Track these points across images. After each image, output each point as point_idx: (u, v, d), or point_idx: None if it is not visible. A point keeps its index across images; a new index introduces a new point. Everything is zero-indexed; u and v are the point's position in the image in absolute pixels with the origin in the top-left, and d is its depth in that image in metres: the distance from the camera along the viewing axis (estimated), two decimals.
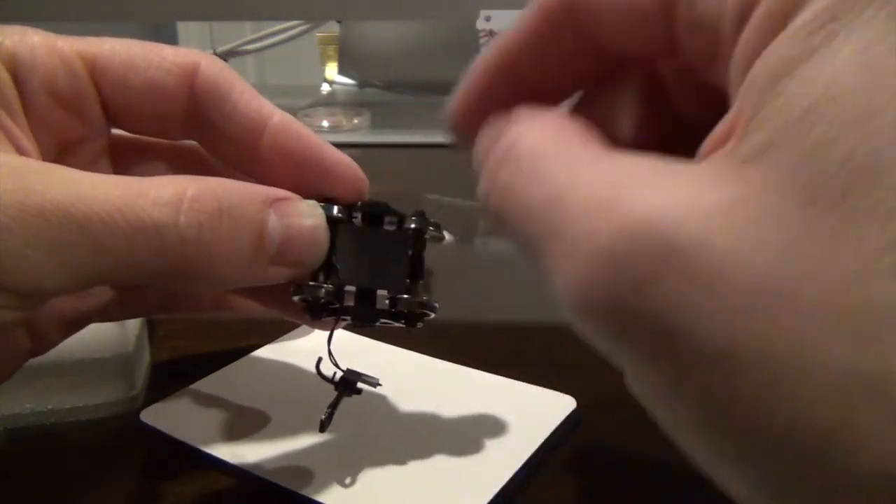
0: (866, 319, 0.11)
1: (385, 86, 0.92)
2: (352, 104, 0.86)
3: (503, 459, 0.24)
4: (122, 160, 0.24)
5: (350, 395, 0.23)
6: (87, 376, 0.27)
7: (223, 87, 0.23)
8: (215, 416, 0.26)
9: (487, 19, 0.71)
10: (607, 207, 0.13)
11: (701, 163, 0.13)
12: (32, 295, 0.17)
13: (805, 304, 0.11)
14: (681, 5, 0.15)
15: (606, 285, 0.13)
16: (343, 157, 0.23)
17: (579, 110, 0.20)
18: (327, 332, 0.23)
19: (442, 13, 0.78)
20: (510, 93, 0.19)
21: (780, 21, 0.13)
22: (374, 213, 0.23)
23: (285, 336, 0.32)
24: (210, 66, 0.23)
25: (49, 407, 0.27)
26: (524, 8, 0.19)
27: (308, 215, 0.21)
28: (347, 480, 0.23)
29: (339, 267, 0.22)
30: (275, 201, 0.20)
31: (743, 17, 0.14)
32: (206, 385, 0.29)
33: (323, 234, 0.21)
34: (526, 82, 0.19)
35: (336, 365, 0.23)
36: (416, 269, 0.22)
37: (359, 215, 0.22)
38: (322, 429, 0.23)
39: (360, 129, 0.72)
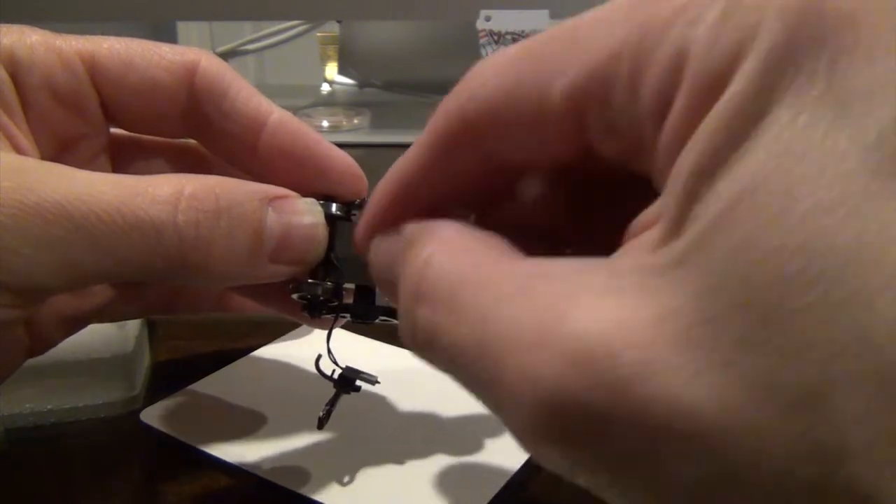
0: (831, 435, 0.10)
1: (385, 86, 0.92)
2: (352, 104, 0.86)
3: (503, 459, 0.24)
4: (121, 158, 0.24)
5: (349, 393, 0.23)
6: (87, 376, 0.27)
7: (222, 85, 0.23)
8: (215, 416, 0.26)
9: (487, 19, 0.71)
10: (540, 342, 0.12)
11: (626, 262, 0.12)
12: (31, 293, 0.17)
13: (740, 427, 0.10)
14: (591, 113, 0.14)
15: (556, 430, 0.12)
16: (342, 155, 0.23)
17: (482, 215, 0.19)
18: (326, 331, 0.23)
19: (442, 13, 0.78)
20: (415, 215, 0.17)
21: (698, 114, 0.12)
22: None
23: (285, 336, 0.32)
24: (209, 64, 0.23)
25: (49, 407, 0.27)
26: (426, 127, 0.17)
27: (306, 213, 0.21)
28: (347, 480, 0.23)
29: (338, 265, 0.22)
30: (273, 199, 0.20)
31: (661, 113, 0.12)
32: (206, 385, 0.29)
33: (322, 231, 0.21)
34: (427, 205, 0.17)
35: (335, 362, 0.23)
36: None
37: (357, 213, 0.22)
38: (320, 426, 0.23)
39: (360, 129, 0.72)
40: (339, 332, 0.32)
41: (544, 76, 0.14)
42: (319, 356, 0.23)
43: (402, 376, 0.29)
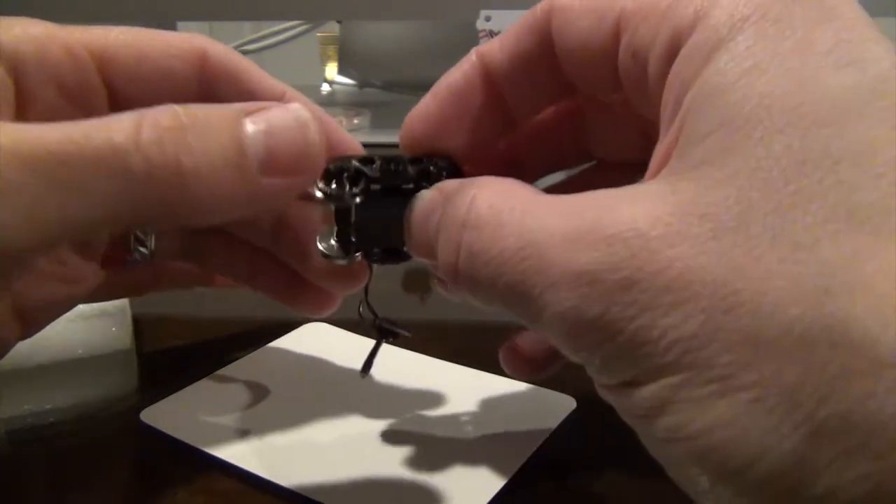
0: (821, 279, 0.13)
1: (385, 86, 0.92)
2: (352, 104, 0.86)
3: (503, 459, 0.24)
4: None
5: (388, 341, 0.24)
6: (86, 375, 0.27)
7: (234, 69, 0.23)
8: (215, 416, 0.26)
9: (487, 19, 0.71)
10: (580, 237, 0.15)
11: (646, 182, 0.16)
12: (2, 259, 0.16)
13: (765, 275, 0.13)
14: (626, 33, 0.17)
15: (598, 297, 0.14)
16: (350, 139, 0.24)
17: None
18: (326, 336, 0.23)
19: (442, 13, 0.78)
20: (481, 100, 0.21)
21: (709, 52, 0.15)
22: (393, 167, 0.21)
23: (285, 336, 0.32)
24: (216, 49, 0.23)
25: (48, 407, 0.27)
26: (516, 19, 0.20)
27: (291, 113, 0.18)
28: (347, 480, 0.23)
29: (360, 230, 0.21)
30: (250, 112, 0.18)
31: (673, 45, 0.16)
32: (206, 385, 0.29)
33: (314, 131, 0.19)
34: (495, 98, 0.21)
35: (372, 312, 0.23)
36: None
37: (377, 164, 0.21)
38: (364, 373, 0.24)
39: (360, 129, 0.72)
40: (338, 332, 0.32)
41: None
42: (360, 304, 0.23)
43: (402, 377, 0.29)
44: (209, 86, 0.22)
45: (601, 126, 0.23)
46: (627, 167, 0.20)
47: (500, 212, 0.17)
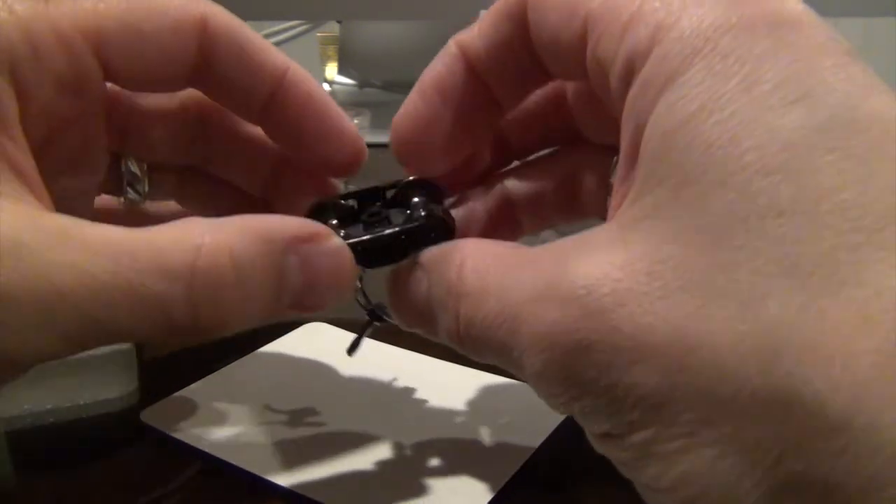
0: (768, 339, 0.12)
1: (385, 86, 0.92)
2: (352, 104, 0.86)
3: (503, 460, 0.24)
4: (118, 116, 0.23)
5: (377, 324, 0.24)
6: (86, 375, 0.27)
7: (236, 40, 0.22)
8: (215, 416, 0.26)
9: None
10: (544, 295, 0.16)
11: (601, 228, 0.16)
12: (28, 363, 0.17)
13: (711, 337, 0.13)
14: (590, 39, 0.17)
15: (561, 361, 0.15)
16: (348, 125, 0.24)
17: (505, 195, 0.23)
18: (326, 336, 0.23)
19: (442, 13, 0.78)
20: (465, 88, 0.21)
21: (663, 83, 0.14)
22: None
23: (285, 336, 0.32)
24: (218, 17, 0.22)
25: (48, 406, 0.27)
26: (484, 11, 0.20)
27: (333, 256, 0.19)
28: (347, 480, 0.23)
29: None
30: (298, 243, 0.19)
31: (630, 70, 0.16)
32: (206, 385, 0.29)
33: (349, 278, 0.20)
34: (477, 80, 0.21)
35: (366, 298, 0.23)
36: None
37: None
38: (350, 353, 0.24)
39: (360, 129, 0.72)
40: (339, 331, 0.32)
41: None
42: (357, 290, 0.23)
43: (402, 377, 0.29)
44: (208, 58, 0.22)
45: (584, 109, 0.23)
46: (614, 149, 0.20)
47: (485, 276, 0.17)
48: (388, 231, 0.21)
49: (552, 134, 0.24)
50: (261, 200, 0.27)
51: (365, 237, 0.21)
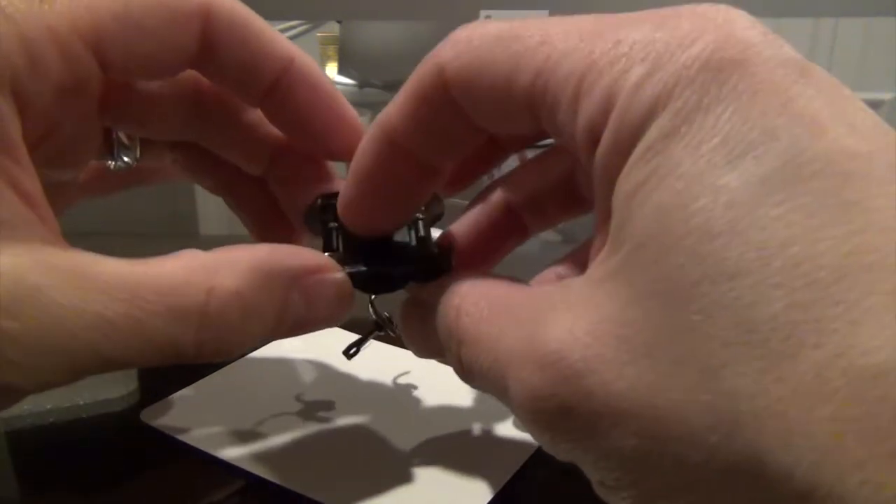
0: (730, 406, 0.12)
1: (385, 86, 0.92)
2: (352, 104, 0.86)
3: (503, 459, 0.24)
4: (114, 103, 0.23)
5: (378, 335, 0.24)
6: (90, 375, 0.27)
7: (241, 28, 0.22)
8: (215, 416, 0.26)
9: (487, 19, 0.71)
10: (524, 356, 0.15)
11: (578, 280, 0.16)
12: (33, 391, 0.17)
13: (678, 403, 0.13)
14: (542, 114, 0.17)
15: (541, 418, 0.15)
16: (351, 113, 0.24)
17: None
18: (327, 336, 0.23)
19: (442, 13, 0.78)
20: (398, 169, 0.20)
21: (625, 149, 0.14)
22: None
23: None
24: (222, 6, 0.21)
25: (48, 406, 0.27)
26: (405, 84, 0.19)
27: (336, 292, 0.20)
28: (347, 480, 0.23)
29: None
30: (303, 277, 0.19)
31: (593, 139, 0.15)
32: (206, 385, 0.29)
33: (348, 308, 0.21)
34: (410, 158, 0.20)
35: (376, 310, 0.24)
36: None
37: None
38: (347, 355, 0.24)
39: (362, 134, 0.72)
40: (339, 332, 0.32)
41: (513, 68, 0.16)
42: (371, 298, 0.23)
43: (402, 377, 0.29)
44: (210, 47, 0.21)
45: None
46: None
47: (478, 323, 0.18)
48: (388, 267, 0.22)
49: (539, 135, 0.24)
50: (259, 180, 0.27)
51: (364, 269, 0.22)
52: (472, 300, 0.18)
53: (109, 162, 0.25)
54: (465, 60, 0.17)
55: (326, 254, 0.22)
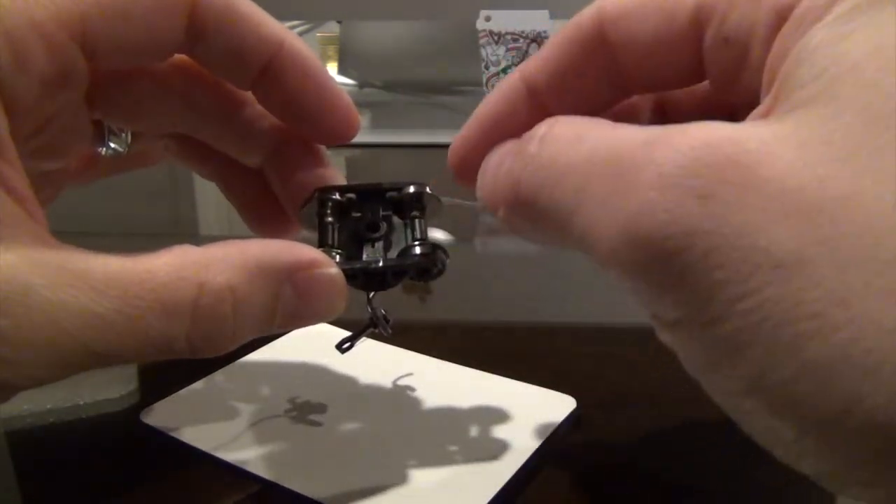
0: None
1: (385, 86, 0.92)
2: None
3: (503, 459, 0.24)
4: (102, 91, 0.23)
5: (372, 332, 0.24)
6: (85, 375, 0.27)
7: (230, 12, 0.22)
8: (215, 416, 0.26)
9: (487, 19, 0.71)
10: (664, 140, 0.14)
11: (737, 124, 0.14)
12: (27, 388, 0.17)
13: (870, 207, 0.12)
14: (712, 22, 0.17)
15: (672, 203, 0.13)
16: (343, 97, 0.24)
17: None
18: (327, 336, 0.23)
19: (442, 13, 0.78)
20: (526, 120, 0.19)
21: (817, 15, 0.14)
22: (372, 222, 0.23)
23: (285, 337, 0.32)
24: None
25: (48, 406, 0.27)
26: (555, 34, 0.20)
27: (329, 286, 0.20)
28: (347, 480, 0.23)
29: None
30: (295, 272, 0.19)
31: (780, 19, 0.15)
32: (206, 385, 0.29)
33: (341, 302, 0.21)
34: (543, 109, 0.20)
35: (373, 307, 0.24)
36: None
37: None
38: (340, 349, 0.24)
39: (360, 129, 0.72)
40: (339, 334, 0.32)
41: None
42: (369, 295, 0.23)
43: (402, 377, 0.29)
44: (199, 32, 0.21)
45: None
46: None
47: (582, 128, 0.16)
48: (382, 264, 0.22)
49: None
50: (255, 171, 0.26)
51: (358, 266, 0.22)
52: (573, 119, 0.17)
53: (100, 149, 0.25)
54: None
55: (321, 249, 0.22)
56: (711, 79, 0.19)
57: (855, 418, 0.11)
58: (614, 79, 0.20)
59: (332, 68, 0.96)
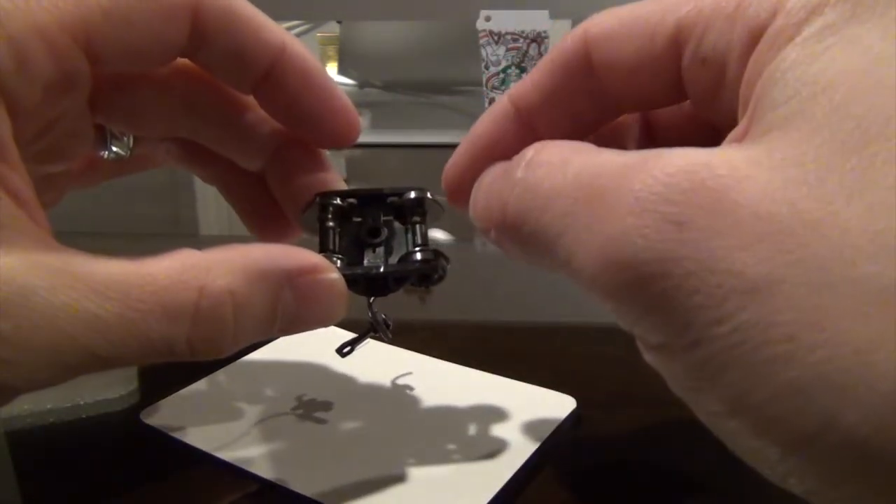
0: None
1: (385, 86, 0.92)
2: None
3: (503, 459, 0.24)
4: (104, 96, 0.23)
5: (373, 335, 0.24)
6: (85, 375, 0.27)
7: (232, 17, 0.22)
8: (215, 416, 0.26)
9: (487, 19, 0.71)
10: (641, 166, 0.14)
11: (721, 146, 0.15)
12: (28, 391, 0.17)
13: (841, 230, 0.12)
14: (690, 43, 0.17)
15: (648, 229, 0.13)
16: (344, 101, 0.24)
17: None
18: (327, 336, 0.23)
19: (442, 13, 0.78)
20: (515, 141, 0.20)
21: (790, 34, 0.15)
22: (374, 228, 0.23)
23: (286, 337, 0.32)
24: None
25: (48, 406, 0.27)
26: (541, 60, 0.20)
27: (329, 291, 0.20)
28: (348, 480, 0.23)
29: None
30: (296, 276, 0.20)
31: (754, 39, 0.16)
32: (206, 385, 0.29)
33: (341, 308, 0.21)
34: (532, 131, 0.20)
35: (373, 312, 0.24)
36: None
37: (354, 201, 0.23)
38: (340, 353, 0.24)
39: (360, 131, 0.72)
40: (340, 334, 0.32)
41: (663, 9, 0.18)
42: (370, 300, 0.23)
43: (403, 377, 0.29)
44: (201, 37, 0.21)
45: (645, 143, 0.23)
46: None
47: (566, 153, 0.17)
48: (383, 269, 0.22)
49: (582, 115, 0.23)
50: (256, 176, 0.26)
51: (359, 271, 0.22)
52: (563, 143, 0.18)
53: (102, 152, 0.26)
54: (613, 15, 0.19)
55: (322, 253, 0.22)
56: (692, 98, 0.19)
57: (833, 436, 0.12)
58: (600, 99, 0.20)
59: (331, 68, 0.97)
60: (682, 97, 0.19)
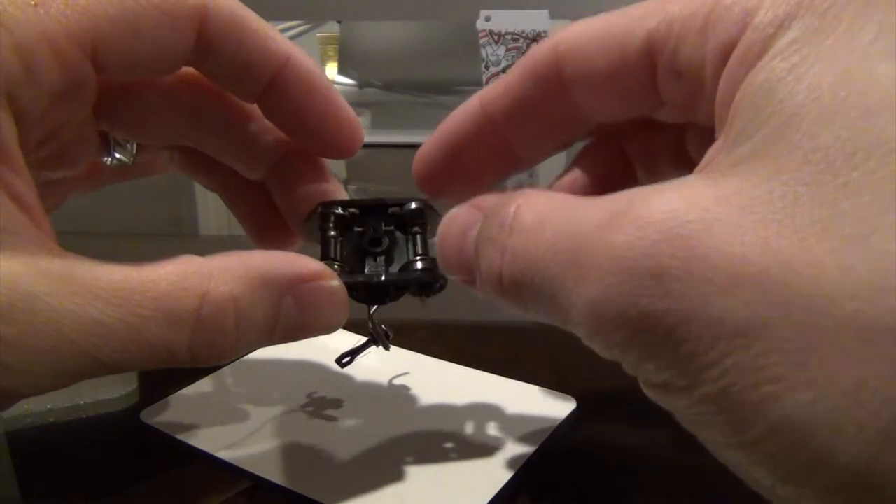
0: (878, 273, 0.12)
1: (385, 86, 0.92)
2: (352, 104, 0.86)
3: (503, 459, 0.24)
4: (109, 103, 0.23)
5: (374, 345, 0.25)
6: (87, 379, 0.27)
7: (238, 27, 0.22)
8: (215, 416, 0.26)
9: (487, 19, 0.71)
10: (614, 222, 0.14)
11: (685, 178, 0.15)
12: (29, 395, 0.17)
13: (816, 267, 0.12)
14: (663, 57, 0.17)
15: (628, 286, 0.14)
16: (348, 111, 0.24)
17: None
18: (327, 336, 0.23)
19: (442, 13, 0.78)
20: (482, 151, 0.21)
21: (758, 51, 0.15)
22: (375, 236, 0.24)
23: None
24: (219, 5, 0.21)
25: (48, 406, 0.27)
26: (512, 67, 0.21)
27: (331, 299, 0.20)
28: (347, 480, 0.23)
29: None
30: (298, 283, 0.20)
31: (725, 55, 0.16)
32: (206, 385, 0.29)
33: (342, 316, 0.21)
34: (499, 141, 0.21)
35: (373, 323, 0.24)
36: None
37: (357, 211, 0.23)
38: (340, 365, 0.25)
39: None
40: (340, 334, 0.32)
41: (632, 22, 0.18)
42: (371, 311, 0.23)
43: (403, 378, 0.29)
44: (207, 46, 0.21)
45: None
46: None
47: (544, 212, 0.17)
48: (384, 278, 0.22)
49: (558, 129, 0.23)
50: (257, 184, 0.27)
51: (361, 279, 0.22)
52: (538, 198, 0.17)
53: (105, 158, 0.26)
54: (584, 27, 0.19)
55: (323, 262, 0.22)
56: (671, 108, 0.19)
57: (826, 472, 0.12)
58: (569, 111, 0.20)
59: (331, 68, 0.97)
60: (655, 106, 0.19)
